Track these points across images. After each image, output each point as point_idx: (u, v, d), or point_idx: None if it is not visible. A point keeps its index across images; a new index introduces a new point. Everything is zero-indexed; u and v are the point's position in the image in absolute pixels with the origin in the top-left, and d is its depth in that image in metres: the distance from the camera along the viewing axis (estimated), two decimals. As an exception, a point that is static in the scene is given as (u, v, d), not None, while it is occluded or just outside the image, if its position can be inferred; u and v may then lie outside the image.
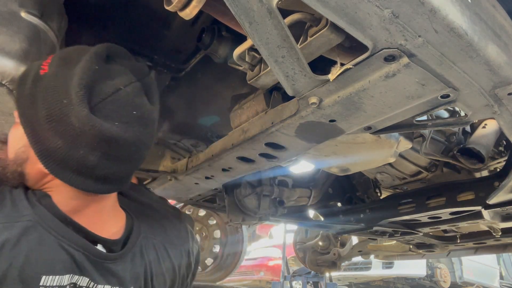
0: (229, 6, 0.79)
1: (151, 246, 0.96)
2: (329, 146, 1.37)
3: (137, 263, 0.91)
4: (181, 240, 1.06)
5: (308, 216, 2.45)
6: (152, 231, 0.98)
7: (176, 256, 1.02)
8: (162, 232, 1.02)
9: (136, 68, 0.90)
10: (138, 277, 0.91)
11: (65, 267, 0.78)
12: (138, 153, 0.87)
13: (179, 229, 1.08)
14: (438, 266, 7.66)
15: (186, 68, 1.71)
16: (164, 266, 0.98)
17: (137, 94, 0.84)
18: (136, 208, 1.02)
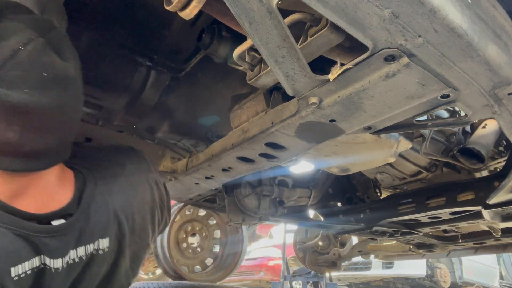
0: (229, 6, 0.79)
1: (114, 191, 0.93)
2: (329, 146, 1.37)
3: (101, 214, 0.89)
4: (144, 172, 1.03)
5: (308, 216, 2.45)
6: (111, 174, 0.95)
7: (144, 188, 0.99)
8: (122, 172, 0.97)
9: (37, 23, 0.77)
10: (106, 226, 0.89)
11: (28, 252, 0.77)
12: (65, 119, 0.78)
13: (139, 162, 1.05)
14: (438, 266, 7.66)
15: (186, 68, 1.71)
16: (136, 201, 0.96)
17: (43, 52, 0.73)
18: (89, 160, 0.97)
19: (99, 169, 0.94)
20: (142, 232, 0.99)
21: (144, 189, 0.99)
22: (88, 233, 0.87)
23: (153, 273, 6.76)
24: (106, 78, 1.74)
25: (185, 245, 3.49)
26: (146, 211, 0.99)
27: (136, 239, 0.97)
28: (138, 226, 0.97)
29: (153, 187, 1.02)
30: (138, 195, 0.97)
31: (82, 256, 0.86)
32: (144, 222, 0.99)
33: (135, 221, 0.96)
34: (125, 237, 0.93)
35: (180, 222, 3.48)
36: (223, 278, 3.61)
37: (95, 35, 1.58)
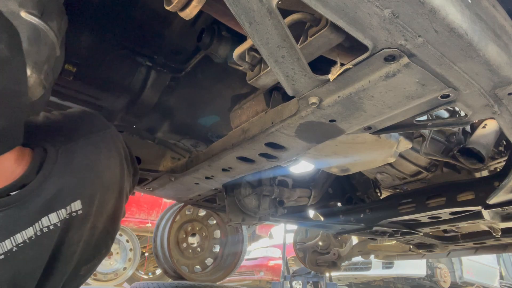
0: (229, 6, 0.79)
1: (78, 153, 0.92)
2: (329, 146, 1.37)
3: (67, 178, 0.88)
4: (100, 127, 1.03)
5: (308, 216, 2.45)
6: (70, 138, 0.94)
7: (105, 143, 0.99)
8: (78, 132, 0.97)
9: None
10: (75, 188, 0.89)
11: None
12: (4, 104, 0.74)
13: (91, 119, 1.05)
14: (438, 266, 7.67)
15: (186, 68, 1.71)
16: (102, 158, 0.96)
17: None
18: (42, 130, 0.96)
19: (56, 136, 0.94)
20: (115, 186, 0.99)
21: (106, 145, 0.99)
22: (58, 199, 0.86)
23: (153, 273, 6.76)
24: (106, 78, 1.74)
25: (185, 245, 3.49)
26: (114, 166, 0.98)
27: (110, 196, 0.97)
28: (109, 182, 0.96)
29: (115, 140, 1.02)
30: (101, 154, 0.96)
31: (56, 222, 0.86)
32: (115, 176, 0.99)
33: (105, 178, 0.95)
34: (96, 195, 0.93)
35: (180, 222, 3.48)
36: (223, 278, 3.61)
37: (95, 35, 1.58)
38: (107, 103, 1.85)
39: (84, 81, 1.73)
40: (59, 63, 1.11)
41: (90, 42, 1.58)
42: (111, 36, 1.59)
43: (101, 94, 1.81)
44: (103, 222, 0.97)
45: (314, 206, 2.42)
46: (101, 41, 1.60)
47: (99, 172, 0.94)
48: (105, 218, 0.98)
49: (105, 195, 0.96)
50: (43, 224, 0.85)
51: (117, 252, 5.67)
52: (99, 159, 0.95)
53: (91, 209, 0.92)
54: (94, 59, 1.64)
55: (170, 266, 3.28)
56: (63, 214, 0.88)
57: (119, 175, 1.01)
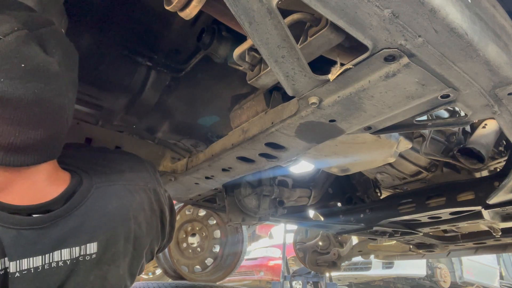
0: (229, 6, 0.79)
1: (110, 195, 0.88)
2: (329, 146, 1.37)
3: (92, 217, 0.84)
4: (143, 180, 0.98)
5: (308, 216, 2.45)
6: (109, 179, 0.91)
7: (141, 197, 0.94)
8: (120, 177, 0.93)
9: (28, 18, 0.76)
10: (96, 230, 0.84)
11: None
12: (47, 115, 0.74)
13: (140, 170, 1.01)
14: (438, 266, 7.67)
15: (186, 68, 1.71)
16: (132, 208, 0.90)
17: (24, 44, 0.70)
18: (89, 163, 0.94)
19: (98, 173, 0.91)
20: (137, 242, 0.93)
21: (141, 197, 0.94)
22: (76, 235, 0.82)
23: (153, 273, 6.76)
24: (106, 78, 1.74)
25: (185, 245, 3.49)
26: (142, 220, 0.94)
27: (129, 248, 0.91)
28: (133, 235, 0.91)
29: (151, 197, 0.97)
30: (134, 202, 0.92)
31: (66, 260, 0.81)
32: (140, 231, 0.93)
33: (130, 229, 0.90)
34: (117, 244, 0.88)
35: (180, 222, 3.48)
36: (223, 278, 3.61)
37: (95, 35, 1.58)
38: (107, 103, 1.85)
39: (84, 81, 1.73)
40: (59, 63, 1.11)
41: (90, 42, 1.58)
42: (111, 36, 1.59)
43: (101, 94, 1.81)
44: (117, 276, 0.90)
45: (314, 206, 2.42)
46: (101, 41, 1.60)
47: (124, 221, 0.89)
48: (121, 274, 0.91)
49: (123, 246, 0.90)
50: (54, 258, 0.80)
51: (117, 252, 5.66)
52: (129, 208, 0.90)
53: (105, 255, 0.86)
54: (94, 59, 1.64)
55: (170, 266, 3.29)
56: (76, 253, 0.82)
57: (146, 232, 0.95)
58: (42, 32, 0.76)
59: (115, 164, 0.98)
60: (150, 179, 1.00)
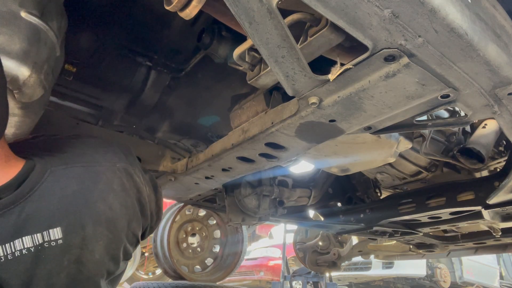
0: (229, 6, 0.79)
1: (69, 178, 0.84)
2: (329, 146, 1.37)
3: (50, 201, 0.80)
4: (110, 161, 0.93)
5: (308, 216, 2.45)
6: (67, 162, 0.87)
7: (109, 177, 0.90)
8: (81, 159, 0.89)
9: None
10: (57, 215, 0.81)
11: None
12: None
13: (106, 151, 0.96)
14: (438, 266, 7.67)
15: (186, 68, 1.71)
16: (98, 190, 0.86)
17: None
18: (47, 149, 0.90)
19: (55, 158, 0.87)
20: (111, 225, 0.89)
21: (108, 178, 0.89)
22: (34, 221, 0.78)
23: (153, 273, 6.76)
24: (106, 78, 1.74)
25: (185, 245, 3.49)
26: (114, 202, 0.89)
27: (102, 231, 0.87)
28: (103, 217, 0.87)
29: (121, 176, 0.92)
30: (100, 183, 0.87)
31: (30, 247, 0.78)
32: (112, 213, 0.89)
33: (98, 211, 0.86)
34: (85, 227, 0.84)
35: (180, 222, 3.48)
36: (223, 278, 3.61)
37: (95, 35, 1.58)
38: (107, 103, 1.85)
39: (84, 81, 1.73)
40: (59, 63, 1.11)
41: (90, 42, 1.58)
42: (111, 36, 1.59)
43: (101, 94, 1.81)
44: (93, 261, 0.86)
45: (314, 206, 2.42)
46: (101, 41, 1.60)
47: (90, 203, 0.85)
48: (98, 258, 0.87)
49: (93, 230, 0.85)
50: (15, 247, 0.76)
51: (117, 252, 5.66)
52: (94, 190, 0.86)
53: (73, 240, 0.82)
54: (94, 59, 1.64)
55: (170, 266, 3.29)
56: (39, 239, 0.79)
57: (120, 214, 0.91)
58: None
59: (76, 148, 0.94)
60: (118, 159, 0.95)
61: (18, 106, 0.96)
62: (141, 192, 0.98)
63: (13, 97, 0.94)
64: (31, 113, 1.02)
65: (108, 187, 0.89)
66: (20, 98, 0.93)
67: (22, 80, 0.92)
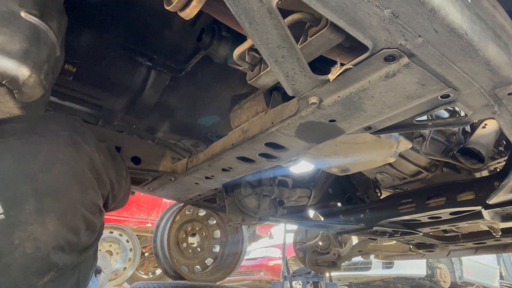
0: (229, 6, 0.79)
1: (4, 151, 0.82)
2: (329, 146, 1.37)
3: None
4: (52, 130, 0.89)
5: (308, 216, 2.45)
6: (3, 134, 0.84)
7: (51, 146, 0.86)
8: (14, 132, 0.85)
9: None
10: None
11: None
12: None
13: (48, 122, 0.92)
14: (438, 266, 7.67)
15: (186, 68, 1.71)
16: (38, 161, 0.83)
17: None
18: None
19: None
20: (59, 195, 0.85)
21: (51, 148, 0.86)
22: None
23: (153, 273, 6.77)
24: (106, 78, 1.74)
25: (185, 245, 3.49)
26: (60, 171, 0.86)
27: (50, 203, 0.83)
28: (49, 189, 0.84)
29: (68, 145, 0.89)
30: (40, 154, 0.84)
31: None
32: (59, 183, 0.86)
33: (41, 183, 0.83)
34: (27, 200, 0.81)
35: (180, 222, 3.48)
36: (223, 278, 3.61)
37: (95, 35, 1.58)
38: (107, 103, 1.85)
39: (84, 81, 1.73)
40: (59, 63, 1.11)
41: (90, 42, 1.58)
42: (111, 36, 1.59)
43: (101, 94, 1.81)
44: (47, 233, 0.83)
45: (314, 206, 2.42)
46: (101, 41, 1.60)
47: (30, 176, 0.82)
48: (52, 229, 0.83)
49: (38, 202, 0.82)
50: None
51: (117, 252, 5.67)
52: (33, 161, 0.83)
53: (18, 215, 0.79)
54: (94, 59, 1.64)
55: (170, 266, 3.28)
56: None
57: (70, 184, 0.88)
58: None
59: (13, 122, 0.90)
60: (62, 128, 0.92)
61: (18, 106, 0.96)
62: (94, 160, 0.95)
63: (13, 97, 0.94)
64: (31, 113, 1.02)
65: (52, 157, 0.86)
66: (20, 98, 0.93)
67: (22, 80, 0.92)
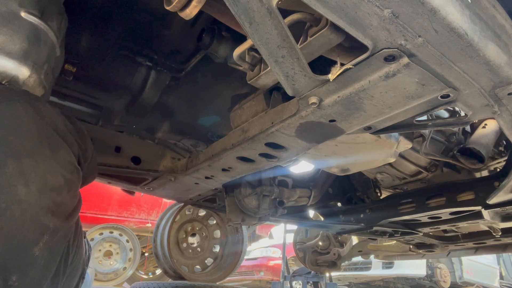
0: (229, 6, 0.79)
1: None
2: (329, 146, 1.37)
3: None
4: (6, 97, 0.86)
5: (308, 216, 2.45)
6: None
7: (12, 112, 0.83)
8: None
9: None
10: None
11: None
12: None
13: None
14: (438, 266, 7.67)
15: (186, 68, 1.71)
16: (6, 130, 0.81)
17: None
18: None
19: None
20: (35, 154, 0.84)
21: (12, 113, 0.84)
22: None
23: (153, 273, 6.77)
24: (106, 78, 1.74)
25: (185, 245, 3.49)
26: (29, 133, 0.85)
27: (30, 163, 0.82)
28: (21, 149, 0.83)
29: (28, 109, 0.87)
30: (6, 119, 0.83)
31: None
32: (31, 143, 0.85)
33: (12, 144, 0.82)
34: (6, 165, 0.80)
35: (180, 222, 3.48)
36: (223, 278, 3.61)
37: (95, 35, 1.58)
38: (107, 103, 1.85)
39: (84, 81, 1.73)
40: (59, 63, 1.11)
41: (90, 42, 1.58)
42: (111, 36, 1.59)
43: (101, 94, 1.81)
44: (31, 194, 0.81)
45: (314, 206, 2.42)
46: (101, 41, 1.60)
47: (1, 140, 0.80)
48: (35, 190, 0.82)
49: (20, 163, 0.81)
50: None
51: (117, 252, 5.67)
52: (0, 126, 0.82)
53: (1, 180, 0.78)
54: (94, 59, 1.64)
55: (170, 266, 3.29)
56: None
57: (41, 143, 0.86)
58: None
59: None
60: (15, 95, 0.89)
61: (18, 106, 0.96)
62: (55, 121, 0.95)
63: (13, 97, 0.94)
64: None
65: (17, 121, 0.85)
66: (20, 98, 0.93)
67: (22, 80, 0.92)
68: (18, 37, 0.93)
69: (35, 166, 0.84)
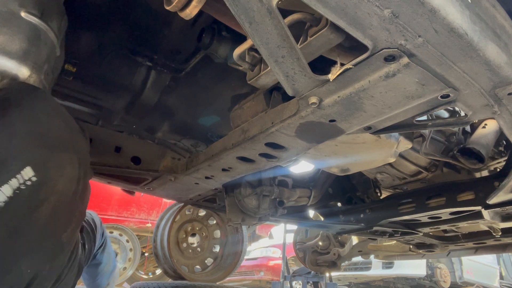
0: (229, 6, 0.79)
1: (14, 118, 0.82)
2: (329, 146, 1.37)
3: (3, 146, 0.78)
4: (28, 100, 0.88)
5: (308, 216, 2.45)
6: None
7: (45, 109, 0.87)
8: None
9: None
10: None
11: None
12: None
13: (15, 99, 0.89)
14: (438, 266, 7.67)
15: (186, 68, 1.71)
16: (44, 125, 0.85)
17: None
18: None
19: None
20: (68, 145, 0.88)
21: (41, 104, 0.87)
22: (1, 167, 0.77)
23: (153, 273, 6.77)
24: (106, 78, 1.74)
25: (185, 245, 3.49)
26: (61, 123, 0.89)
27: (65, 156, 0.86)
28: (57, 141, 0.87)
29: (50, 103, 0.91)
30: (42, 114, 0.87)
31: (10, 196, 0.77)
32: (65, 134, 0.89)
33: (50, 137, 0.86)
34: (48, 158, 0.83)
35: (180, 222, 3.48)
36: (223, 278, 3.61)
37: (95, 35, 1.58)
38: (107, 103, 1.85)
39: (84, 81, 1.73)
40: (59, 63, 1.12)
41: (90, 42, 1.58)
42: (111, 36, 1.59)
43: (101, 94, 1.81)
44: (68, 185, 0.86)
45: (314, 206, 2.42)
46: (101, 41, 1.60)
47: (41, 134, 0.84)
48: (68, 182, 0.87)
49: (58, 158, 0.85)
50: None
51: (117, 252, 5.67)
52: (37, 121, 0.85)
53: (47, 173, 0.82)
54: (94, 59, 1.64)
55: (170, 266, 3.28)
56: (16, 184, 0.77)
57: (69, 134, 0.91)
58: None
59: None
60: (34, 97, 0.91)
61: (18, 106, 0.96)
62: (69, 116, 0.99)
63: (13, 97, 0.94)
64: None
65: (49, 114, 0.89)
66: (20, 98, 0.93)
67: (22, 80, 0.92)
68: (18, 37, 0.93)
69: (69, 159, 0.90)
